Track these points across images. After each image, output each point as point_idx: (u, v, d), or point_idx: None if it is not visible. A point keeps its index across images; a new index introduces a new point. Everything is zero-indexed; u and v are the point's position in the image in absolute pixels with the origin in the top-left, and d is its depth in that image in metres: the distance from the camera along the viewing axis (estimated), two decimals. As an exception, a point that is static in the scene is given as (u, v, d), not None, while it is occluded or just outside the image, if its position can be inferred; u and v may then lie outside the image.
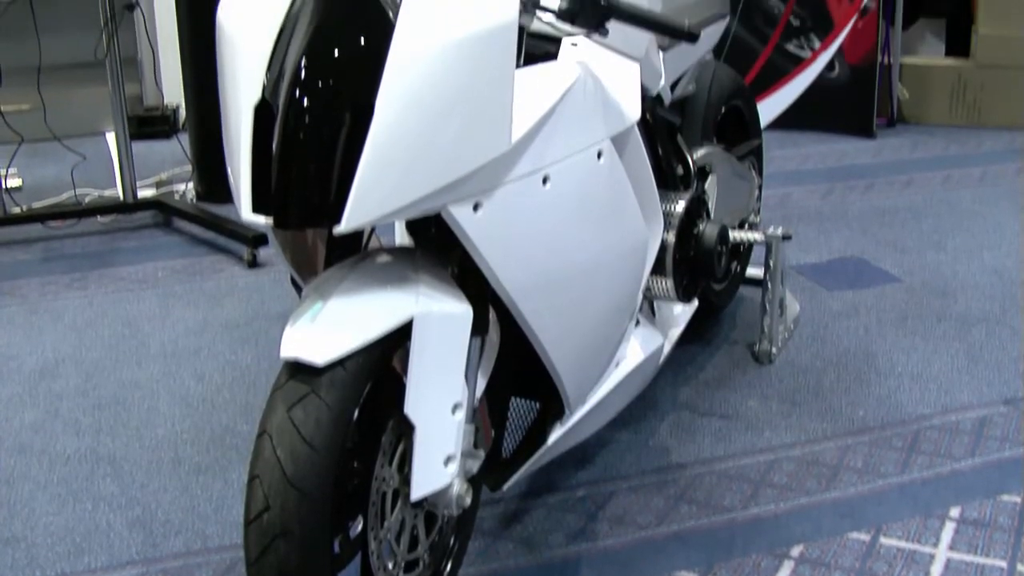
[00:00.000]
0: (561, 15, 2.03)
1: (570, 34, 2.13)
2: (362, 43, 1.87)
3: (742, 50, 5.59)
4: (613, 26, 2.07)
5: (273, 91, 1.89)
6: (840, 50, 5.73)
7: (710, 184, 3.10)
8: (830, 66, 5.76)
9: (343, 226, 1.81)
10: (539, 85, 2.03)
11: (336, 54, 1.87)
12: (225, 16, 2.05)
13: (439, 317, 1.94)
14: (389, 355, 1.96)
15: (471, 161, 1.86)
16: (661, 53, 2.74)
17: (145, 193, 4.95)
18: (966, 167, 5.34)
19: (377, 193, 1.81)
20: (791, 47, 5.80)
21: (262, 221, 1.88)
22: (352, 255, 2.13)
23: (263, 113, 1.90)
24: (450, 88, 1.82)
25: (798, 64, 5.80)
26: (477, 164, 1.87)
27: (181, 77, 5.14)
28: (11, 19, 4.44)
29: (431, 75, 1.81)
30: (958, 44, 6.32)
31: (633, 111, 2.33)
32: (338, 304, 1.92)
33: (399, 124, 1.80)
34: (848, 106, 5.78)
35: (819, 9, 5.73)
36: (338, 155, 1.81)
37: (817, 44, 5.76)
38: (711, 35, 3.13)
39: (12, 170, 4.94)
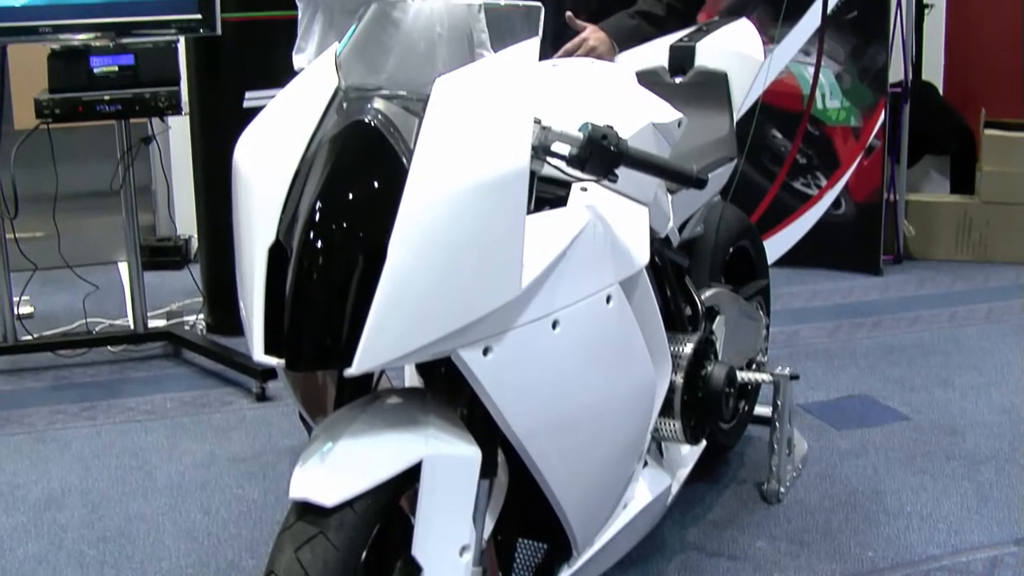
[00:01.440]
0: (571, 161, 2.07)
1: (580, 179, 2.17)
2: (376, 188, 1.91)
3: (749, 188, 5.63)
4: (622, 172, 2.11)
5: (287, 233, 1.92)
6: (846, 188, 5.78)
7: (718, 325, 3.12)
8: (836, 204, 5.81)
9: (354, 369, 1.83)
10: (549, 231, 2.06)
11: (350, 198, 1.91)
12: (241, 157, 2.10)
13: (448, 459, 1.95)
14: (398, 496, 1.96)
15: (482, 306, 1.88)
16: (669, 196, 2.77)
17: (156, 323, 4.97)
18: (973, 303, 5.35)
19: (388, 337, 1.83)
20: (798, 185, 5.86)
21: (274, 362, 1.90)
22: (362, 395, 2.14)
23: (277, 254, 1.93)
24: (462, 234, 1.85)
25: (805, 202, 5.85)
26: (488, 309, 1.89)
27: (194, 209, 5.21)
28: (29, 148, 4.50)
29: (443, 221, 1.84)
30: (963, 181, 6.38)
31: (642, 255, 2.35)
32: (348, 445, 1.93)
33: (411, 269, 1.82)
34: (855, 243, 5.82)
35: (825, 147, 5.80)
36: (350, 298, 1.84)
37: (824, 182, 5.81)
38: (719, 178, 3.18)
39: (24, 298, 4.97)
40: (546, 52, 2.31)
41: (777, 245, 5.78)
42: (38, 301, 5.31)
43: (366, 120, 1.98)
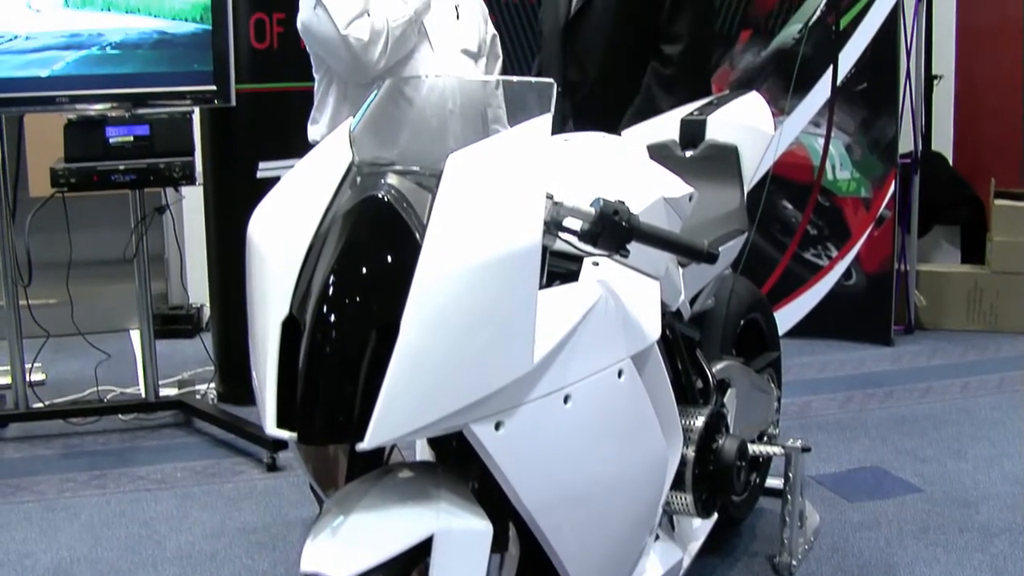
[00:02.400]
0: (583, 237, 2.07)
1: (592, 254, 2.18)
2: (389, 263, 1.92)
3: (760, 258, 5.65)
4: (634, 246, 2.12)
5: (301, 307, 1.94)
6: (857, 258, 5.79)
7: (729, 398, 3.11)
8: (847, 274, 5.82)
9: (366, 444, 1.83)
10: (562, 306, 2.07)
11: (363, 273, 1.92)
12: (256, 230, 2.12)
13: (459, 534, 1.94)
14: (409, 571, 1.96)
15: (494, 381, 1.89)
16: (680, 270, 2.78)
17: (167, 392, 4.98)
18: (984, 374, 5.34)
19: (401, 412, 1.83)
20: (808, 255, 5.87)
21: (287, 436, 1.90)
22: (374, 468, 2.14)
23: (290, 328, 1.94)
24: (475, 309, 1.86)
25: (816, 272, 5.86)
26: (500, 384, 1.89)
27: (207, 277, 5.23)
28: (44, 215, 4.53)
29: (456, 296, 1.86)
30: (973, 251, 6.39)
31: (653, 330, 2.36)
32: (359, 519, 1.93)
33: (424, 344, 1.83)
34: (866, 314, 5.82)
35: (836, 218, 5.82)
36: (363, 373, 1.85)
37: (834, 252, 5.83)
38: (730, 251, 3.19)
39: (36, 365, 4.98)
40: (557, 126, 2.33)
41: (788, 316, 5.79)
42: (50, 368, 5.33)
43: (379, 195, 2.00)
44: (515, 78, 2.39)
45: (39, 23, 4.23)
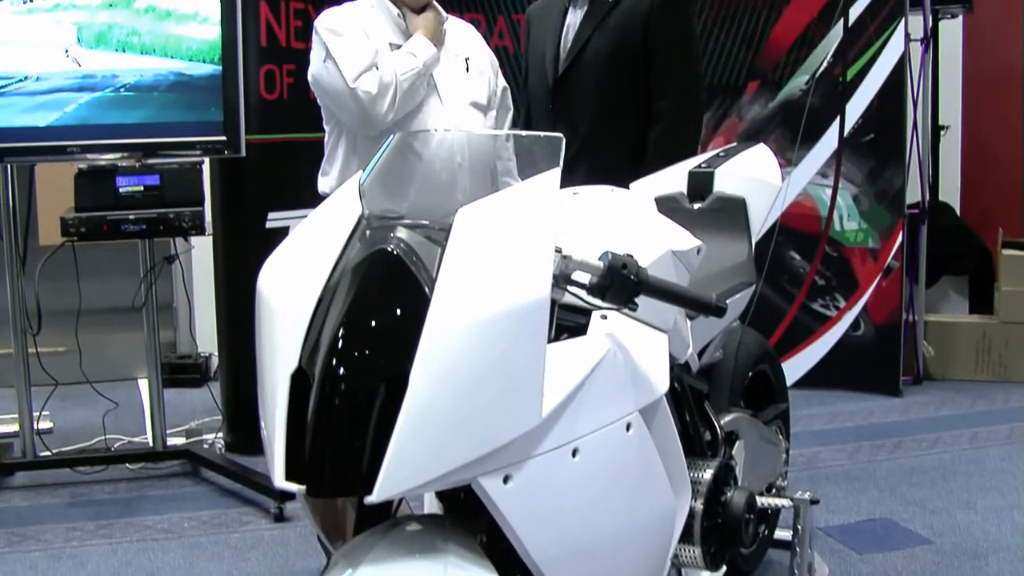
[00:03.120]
0: (592, 290, 2.08)
1: (600, 308, 2.18)
2: (398, 316, 1.93)
3: (768, 309, 5.66)
4: (642, 299, 2.12)
5: (310, 360, 1.94)
6: (865, 309, 5.80)
7: (737, 450, 3.10)
8: (855, 325, 5.83)
9: (375, 497, 1.83)
10: (570, 359, 2.07)
11: (372, 326, 1.93)
12: (265, 283, 2.12)
13: (467, 588, 1.94)
14: (416, 624, 1.95)
15: (502, 435, 1.89)
16: (688, 322, 2.78)
17: (175, 441, 4.98)
18: (993, 424, 5.33)
19: (409, 465, 1.83)
20: (816, 306, 5.88)
21: (295, 488, 1.90)
22: (382, 521, 2.14)
23: (299, 380, 1.94)
24: (484, 363, 1.87)
25: (824, 323, 5.87)
26: (508, 438, 1.89)
27: (215, 326, 5.24)
28: (54, 263, 4.55)
29: (465, 350, 1.86)
30: (981, 301, 6.40)
31: (661, 383, 2.36)
32: (367, 571, 1.93)
33: (433, 398, 1.83)
34: (874, 364, 5.82)
35: (844, 269, 5.83)
36: (372, 426, 1.85)
37: (842, 303, 5.84)
38: (738, 303, 3.19)
39: (44, 413, 4.98)
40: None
41: (796, 366, 5.79)
42: (58, 416, 5.33)
43: (389, 249, 2.00)
44: (524, 132, 2.40)
45: (52, 64, 4.26)
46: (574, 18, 3.90)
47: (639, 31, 3.79)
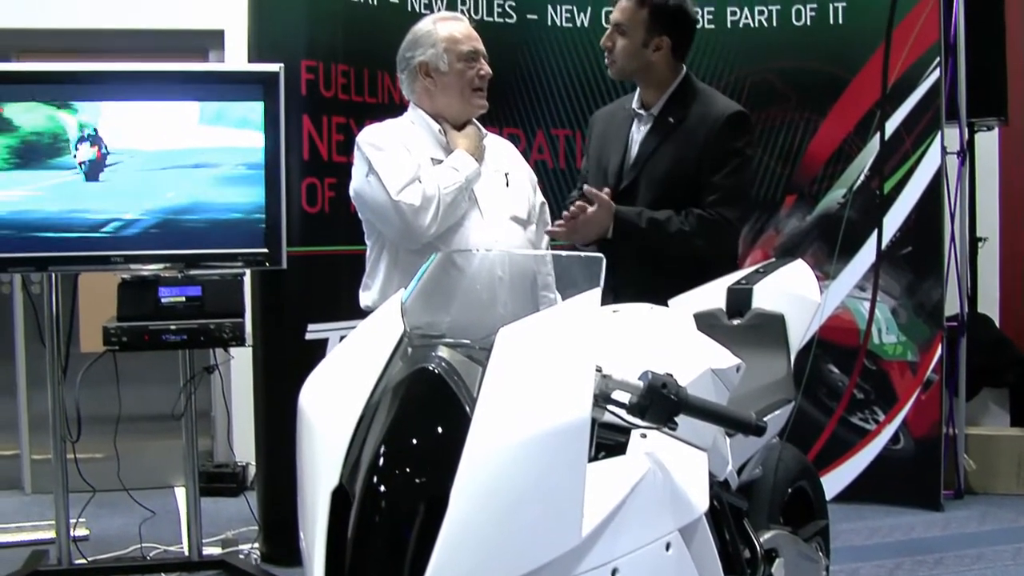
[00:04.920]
0: (631, 409, 2.08)
1: (640, 427, 2.19)
2: (439, 435, 1.94)
3: (806, 422, 5.63)
4: (682, 418, 2.12)
5: (351, 477, 1.95)
6: (904, 422, 5.76)
7: (777, 568, 3.07)
8: (895, 438, 5.78)
9: (415, 616, 1.83)
10: (610, 479, 2.07)
11: (413, 445, 1.94)
12: (307, 399, 2.14)
13: None
14: None
15: (542, 555, 1.88)
16: (728, 440, 2.77)
17: (211, 551, 4.95)
18: (1037, 540, 5.27)
19: (449, 584, 1.83)
20: (856, 420, 5.84)
21: (335, 606, 1.90)
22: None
23: (340, 498, 1.95)
24: (524, 483, 1.87)
25: (863, 437, 5.82)
26: (548, 558, 1.88)
27: (253, 436, 5.25)
28: (94, 370, 4.58)
29: (506, 470, 1.86)
30: (1023, 414, 6.34)
31: (701, 502, 2.34)
32: None
33: (473, 518, 1.83)
34: (914, 478, 5.76)
35: (882, 382, 5.80)
36: (411, 545, 1.85)
37: (881, 417, 5.80)
38: (777, 420, 3.18)
39: (81, 520, 4.98)
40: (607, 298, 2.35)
41: (835, 481, 5.74)
42: (94, 524, 5.33)
43: (430, 368, 2.02)
44: (564, 252, 2.42)
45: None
46: (639, 132, 3.93)
47: (699, 150, 3.80)
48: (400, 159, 3.51)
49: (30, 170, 4.36)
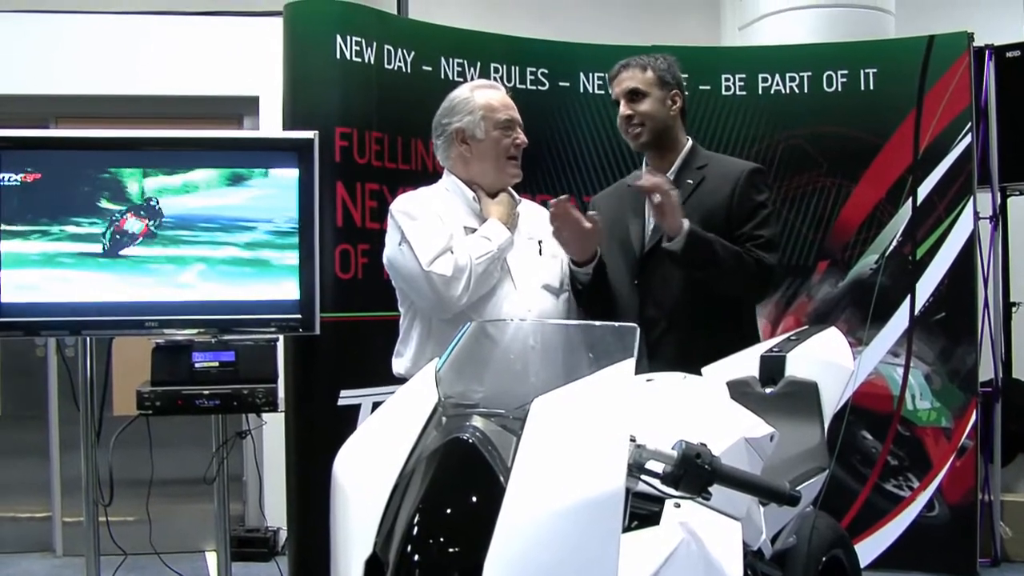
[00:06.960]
0: (665, 479, 2.09)
1: (673, 496, 2.19)
2: (473, 505, 1.95)
3: (840, 489, 5.60)
4: (716, 488, 2.12)
5: (384, 546, 1.96)
6: (939, 489, 5.71)
7: (812, 638, 3.06)
8: (930, 506, 5.73)
9: None
10: (643, 549, 2.07)
11: (447, 514, 1.95)
12: (341, 467, 2.16)
13: None
14: None
15: (576, 626, 1.88)
16: (762, 509, 2.77)
17: (243, 619, 4.96)
18: (1076, 614, 5.20)
19: (483, 656, 1.83)
20: (890, 487, 5.79)
21: (367, 674, 1.90)
22: None
23: (373, 566, 1.96)
24: (558, 554, 1.87)
25: (897, 504, 5.77)
26: (583, 628, 1.88)
27: (285, 501, 5.24)
28: (127, 434, 4.59)
29: (540, 541, 1.86)
30: (1059, 483, 6.29)
31: (735, 572, 2.34)
32: None
33: (507, 589, 1.84)
34: (950, 546, 5.69)
35: (917, 448, 5.76)
36: (446, 616, 1.86)
37: (916, 484, 5.75)
38: (811, 488, 3.17)
39: (112, 585, 4.99)
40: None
41: (870, 548, 5.68)
42: (124, 589, 5.33)
43: (465, 437, 2.03)
44: (597, 323, 2.43)
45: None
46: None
47: (727, 205, 3.80)
48: (432, 228, 3.52)
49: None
